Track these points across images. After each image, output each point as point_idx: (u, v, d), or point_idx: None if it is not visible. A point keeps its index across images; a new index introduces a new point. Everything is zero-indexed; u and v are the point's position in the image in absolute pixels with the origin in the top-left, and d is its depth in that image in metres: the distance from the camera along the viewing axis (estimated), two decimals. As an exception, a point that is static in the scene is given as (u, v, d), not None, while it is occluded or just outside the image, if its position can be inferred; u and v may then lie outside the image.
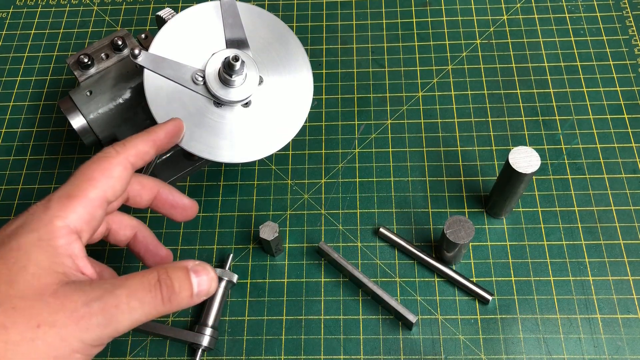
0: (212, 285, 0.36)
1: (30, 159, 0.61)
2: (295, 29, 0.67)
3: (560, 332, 0.50)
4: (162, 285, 0.34)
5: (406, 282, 0.53)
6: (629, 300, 0.51)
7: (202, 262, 0.36)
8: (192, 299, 0.35)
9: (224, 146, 0.48)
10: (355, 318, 0.52)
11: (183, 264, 0.36)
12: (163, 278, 0.34)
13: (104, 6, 0.70)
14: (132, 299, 0.33)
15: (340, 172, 0.58)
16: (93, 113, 0.52)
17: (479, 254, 0.54)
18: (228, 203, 0.57)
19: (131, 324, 0.33)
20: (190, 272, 0.35)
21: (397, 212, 0.56)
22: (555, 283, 0.52)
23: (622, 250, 0.53)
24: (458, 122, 0.60)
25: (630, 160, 0.57)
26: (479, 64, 0.63)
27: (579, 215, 0.55)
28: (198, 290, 0.35)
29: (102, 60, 0.53)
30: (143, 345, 0.51)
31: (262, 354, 0.51)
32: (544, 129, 0.59)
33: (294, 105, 0.51)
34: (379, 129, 0.60)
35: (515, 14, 0.67)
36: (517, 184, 0.49)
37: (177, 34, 0.50)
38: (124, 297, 0.33)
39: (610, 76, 0.62)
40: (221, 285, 0.51)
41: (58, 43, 0.68)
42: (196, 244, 0.55)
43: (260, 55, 0.51)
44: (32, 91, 0.65)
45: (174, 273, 0.35)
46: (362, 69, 0.64)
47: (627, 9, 0.66)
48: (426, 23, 0.67)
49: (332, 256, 0.52)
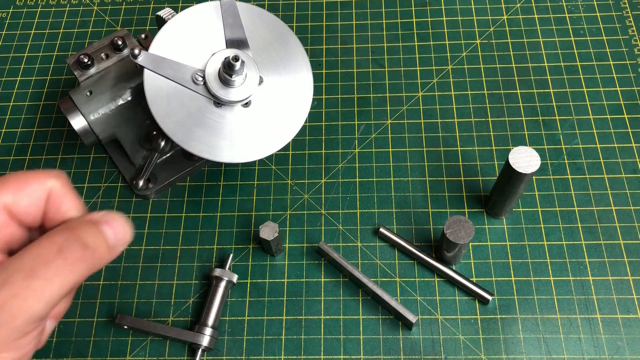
0: (127, 232, 0.33)
1: (30, 159, 0.61)
2: (295, 29, 0.67)
3: (560, 332, 0.50)
4: (72, 247, 0.30)
5: (406, 282, 0.53)
6: (629, 300, 0.51)
7: (107, 211, 0.32)
8: (111, 252, 0.32)
9: (224, 146, 0.48)
10: (355, 318, 0.52)
11: (88, 217, 0.32)
12: (70, 239, 0.30)
13: (104, 6, 0.70)
14: (33, 280, 0.28)
15: (340, 172, 0.58)
16: (93, 113, 0.52)
17: (479, 254, 0.54)
18: (228, 203, 0.57)
19: (48, 301, 0.29)
20: (101, 224, 0.32)
21: (397, 212, 0.56)
22: (555, 283, 0.52)
23: (622, 250, 0.53)
24: (458, 122, 0.60)
25: (630, 160, 0.57)
26: (479, 64, 0.63)
27: (579, 215, 0.55)
28: (115, 241, 0.32)
29: (102, 60, 0.53)
30: (143, 345, 0.51)
31: (262, 354, 0.51)
32: (544, 129, 0.59)
33: (294, 105, 0.51)
34: (379, 129, 0.60)
35: (515, 14, 0.67)
36: (517, 184, 0.49)
37: (177, 34, 0.50)
38: (21, 281, 0.28)
39: (610, 76, 0.62)
40: (221, 285, 0.51)
41: (58, 43, 0.68)
42: (196, 244, 0.55)
43: (260, 55, 0.51)
44: (32, 91, 0.65)
45: (83, 230, 0.31)
46: (362, 69, 0.64)
47: (627, 9, 0.66)
48: (426, 23, 0.67)
49: (332, 256, 0.52)
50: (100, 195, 0.58)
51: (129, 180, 0.58)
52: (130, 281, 0.54)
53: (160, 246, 0.55)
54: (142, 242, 0.56)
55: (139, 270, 0.54)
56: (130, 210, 0.57)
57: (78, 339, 0.52)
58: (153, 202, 0.58)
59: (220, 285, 0.51)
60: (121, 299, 0.53)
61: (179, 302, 0.53)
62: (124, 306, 0.53)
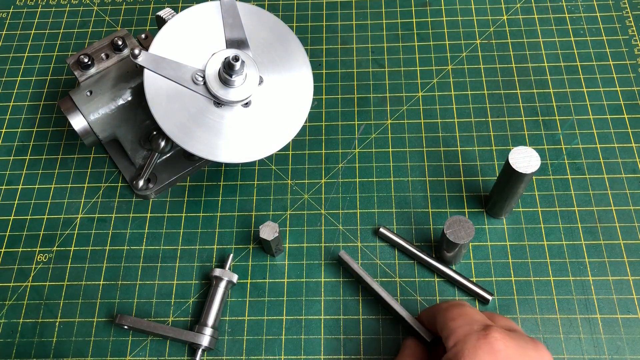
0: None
1: (30, 159, 0.61)
2: (295, 29, 0.67)
3: (560, 332, 0.50)
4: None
5: (406, 282, 0.53)
6: (629, 300, 0.51)
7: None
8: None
9: (224, 146, 0.48)
10: (355, 318, 0.52)
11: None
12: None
13: (104, 6, 0.70)
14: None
15: (340, 172, 0.58)
16: (93, 113, 0.52)
17: (479, 254, 0.54)
18: (228, 203, 0.57)
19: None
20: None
21: (397, 212, 0.56)
22: (555, 283, 0.52)
23: (622, 250, 0.53)
24: (458, 122, 0.60)
25: (630, 160, 0.57)
26: (479, 64, 0.63)
27: (579, 215, 0.55)
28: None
29: (102, 61, 0.53)
30: (143, 345, 0.51)
31: (262, 354, 0.51)
32: (544, 129, 0.59)
33: (294, 106, 0.51)
34: (379, 129, 0.60)
35: (515, 14, 0.67)
36: (517, 184, 0.49)
37: (177, 34, 0.50)
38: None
39: (610, 76, 0.62)
40: (221, 285, 0.51)
41: (58, 43, 0.68)
42: (196, 244, 0.55)
43: (260, 55, 0.51)
44: (32, 91, 0.65)
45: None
46: (362, 69, 0.64)
47: (627, 9, 0.66)
48: (426, 23, 0.67)
49: (352, 267, 0.51)
50: (100, 195, 0.58)
51: (129, 180, 0.58)
52: (130, 281, 0.54)
53: (160, 246, 0.55)
54: (142, 242, 0.56)
55: (139, 270, 0.54)
56: (130, 210, 0.57)
57: (78, 339, 0.52)
58: (153, 202, 0.58)
59: (220, 285, 0.51)
60: (121, 299, 0.53)
61: (179, 302, 0.53)
62: (124, 306, 0.53)
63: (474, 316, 0.40)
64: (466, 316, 0.40)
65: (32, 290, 0.54)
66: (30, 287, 0.54)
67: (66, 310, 0.53)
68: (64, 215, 0.57)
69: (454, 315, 0.40)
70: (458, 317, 0.40)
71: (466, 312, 0.40)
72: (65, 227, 0.57)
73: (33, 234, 0.57)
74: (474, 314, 0.40)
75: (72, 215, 0.57)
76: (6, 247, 0.56)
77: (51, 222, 0.57)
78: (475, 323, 0.39)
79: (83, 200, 0.58)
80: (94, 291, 0.54)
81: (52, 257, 0.55)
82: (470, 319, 0.39)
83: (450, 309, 0.41)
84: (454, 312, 0.41)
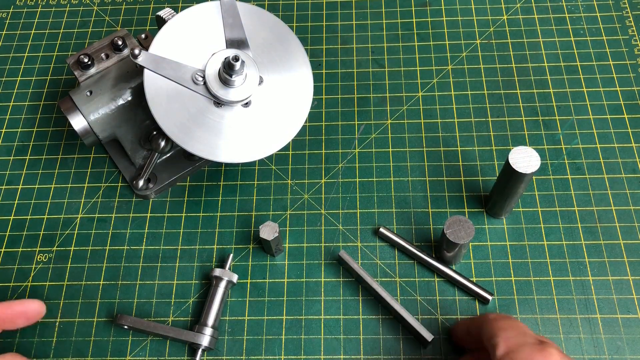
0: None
1: (30, 159, 0.61)
2: (295, 29, 0.67)
3: (560, 332, 0.50)
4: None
5: (406, 282, 0.53)
6: (629, 300, 0.51)
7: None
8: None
9: (224, 146, 0.48)
10: (355, 318, 0.52)
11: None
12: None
13: (104, 6, 0.70)
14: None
15: (340, 172, 0.58)
16: (93, 113, 0.52)
17: (479, 254, 0.54)
18: (228, 203, 0.57)
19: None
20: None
21: (397, 212, 0.56)
22: (555, 283, 0.52)
23: (622, 250, 0.53)
24: (458, 122, 0.60)
25: (630, 160, 0.57)
26: (479, 64, 0.63)
27: (579, 215, 0.55)
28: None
29: (102, 60, 0.53)
30: (143, 345, 0.51)
31: (262, 354, 0.51)
32: (544, 129, 0.59)
33: (294, 105, 0.51)
34: (379, 129, 0.60)
35: (515, 14, 0.67)
36: (517, 184, 0.49)
37: (177, 34, 0.50)
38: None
39: (610, 76, 0.62)
40: (221, 285, 0.51)
41: (58, 43, 0.68)
42: (196, 244, 0.55)
43: (260, 55, 0.51)
44: (32, 91, 0.65)
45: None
46: (362, 69, 0.64)
47: (627, 9, 0.66)
48: (426, 23, 0.67)
49: (352, 266, 0.51)
50: (100, 195, 0.58)
51: (129, 180, 0.58)
52: (130, 281, 0.54)
53: (160, 246, 0.55)
54: (142, 242, 0.56)
55: (139, 270, 0.54)
56: (130, 210, 0.57)
57: (78, 339, 0.52)
58: (153, 202, 0.58)
59: (220, 285, 0.51)
60: (121, 299, 0.53)
61: (179, 302, 0.53)
62: (124, 306, 0.53)
63: (526, 330, 0.41)
64: (519, 328, 0.40)
65: (32, 290, 0.54)
66: (30, 287, 0.54)
67: (66, 310, 0.53)
68: (64, 215, 0.57)
69: (505, 325, 0.41)
70: (509, 328, 0.40)
71: (518, 325, 0.41)
72: (65, 227, 0.57)
73: (33, 234, 0.57)
74: (526, 328, 0.41)
75: (72, 215, 0.57)
76: (6, 247, 0.56)
77: (51, 222, 0.57)
78: (529, 337, 0.39)
79: (83, 200, 0.58)
80: (94, 291, 0.54)
81: (52, 257, 0.55)
82: (524, 332, 0.40)
83: (500, 319, 0.42)
84: (505, 323, 0.41)
